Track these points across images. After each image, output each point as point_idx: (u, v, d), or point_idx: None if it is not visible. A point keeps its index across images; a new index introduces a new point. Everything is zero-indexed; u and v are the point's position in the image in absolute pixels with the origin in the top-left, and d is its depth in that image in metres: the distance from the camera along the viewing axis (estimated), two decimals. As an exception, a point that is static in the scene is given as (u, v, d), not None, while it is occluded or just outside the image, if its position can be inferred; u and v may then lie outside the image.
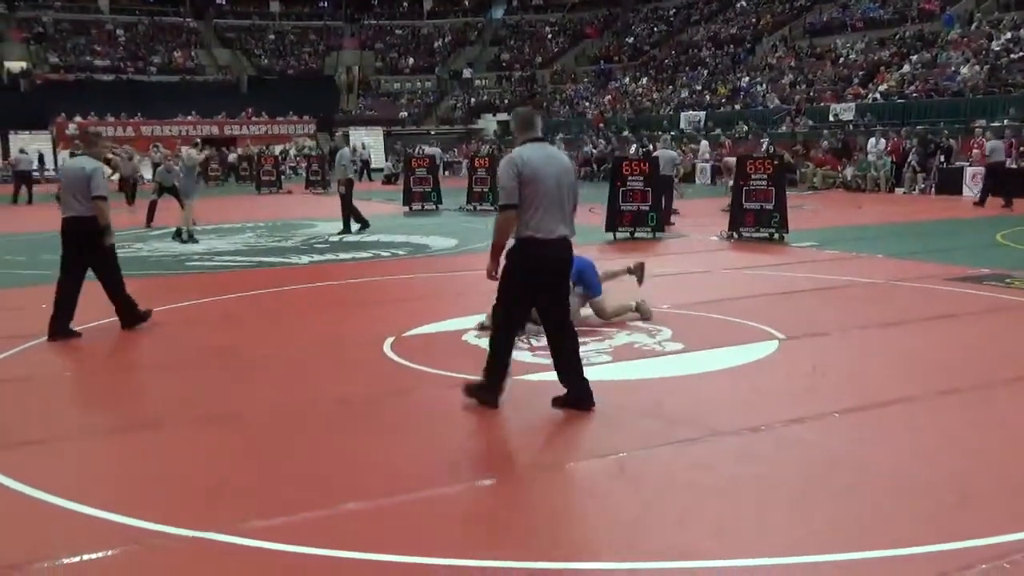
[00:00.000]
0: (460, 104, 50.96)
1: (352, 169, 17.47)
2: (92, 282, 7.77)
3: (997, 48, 28.45)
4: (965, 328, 7.64)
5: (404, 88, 53.84)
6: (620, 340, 7.14)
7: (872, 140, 25.52)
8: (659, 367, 6.38)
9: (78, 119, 40.71)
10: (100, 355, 7.43)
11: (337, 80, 52.97)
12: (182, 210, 15.35)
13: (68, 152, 32.84)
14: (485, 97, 50.41)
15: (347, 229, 15.98)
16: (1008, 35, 28.79)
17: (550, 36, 55.02)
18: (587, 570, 3.49)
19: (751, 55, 40.22)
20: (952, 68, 28.57)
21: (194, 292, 9.90)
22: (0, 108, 40.19)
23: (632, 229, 14.38)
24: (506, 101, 46.75)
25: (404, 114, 50.10)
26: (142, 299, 8.09)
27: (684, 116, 35.93)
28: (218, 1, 56.08)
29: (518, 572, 3.38)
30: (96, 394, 6.40)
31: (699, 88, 38.89)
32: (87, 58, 49.05)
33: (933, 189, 23.44)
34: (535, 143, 5.26)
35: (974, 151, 22.60)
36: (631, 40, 49.92)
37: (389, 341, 7.17)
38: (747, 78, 37.11)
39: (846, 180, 25.42)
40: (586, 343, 6.75)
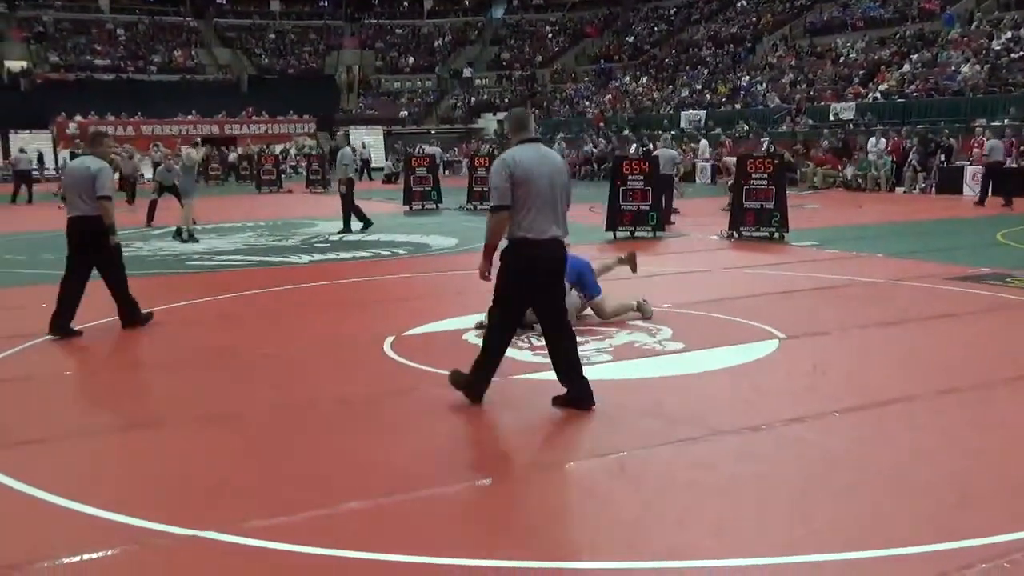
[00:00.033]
0: (460, 103, 50.98)
1: (353, 168, 17.47)
2: (93, 281, 7.77)
3: (997, 47, 28.45)
4: (965, 327, 7.64)
5: (404, 87, 53.89)
6: (620, 339, 7.13)
7: (872, 139, 25.52)
8: (659, 366, 6.37)
9: (78, 118, 40.79)
10: (100, 354, 7.42)
11: (337, 79, 52.98)
12: (182, 209, 15.37)
13: (69, 152, 33.05)
14: (485, 96, 50.43)
15: (347, 228, 15.97)
16: (1008, 34, 28.79)
17: (550, 35, 55.06)
18: (587, 570, 3.49)
19: (751, 54, 40.22)
20: (952, 67, 28.57)
21: (194, 291, 9.91)
22: (0, 107, 40.18)
23: (632, 228, 14.40)
24: (506, 100, 46.81)
25: (404, 113, 50.11)
26: (142, 298, 8.10)
27: (684, 115, 35.91)
28: (218, 0, 56.08)
29: (518, 572, 3.38)
30: (96, 393, 6.40)
31: (699, 87, 38.90)
32: (87, 57, 49.06)
33: (933, 188, 23.45)
34: (528, 144, 5.26)
35: (974, 150, 22.60)
36: (631, 39, 49.94)
37: (389, 340, 7.17)
38: (747, 77, 37.12)
39: (846, 179, 25.42)
40: (586, 342, 6.77)
